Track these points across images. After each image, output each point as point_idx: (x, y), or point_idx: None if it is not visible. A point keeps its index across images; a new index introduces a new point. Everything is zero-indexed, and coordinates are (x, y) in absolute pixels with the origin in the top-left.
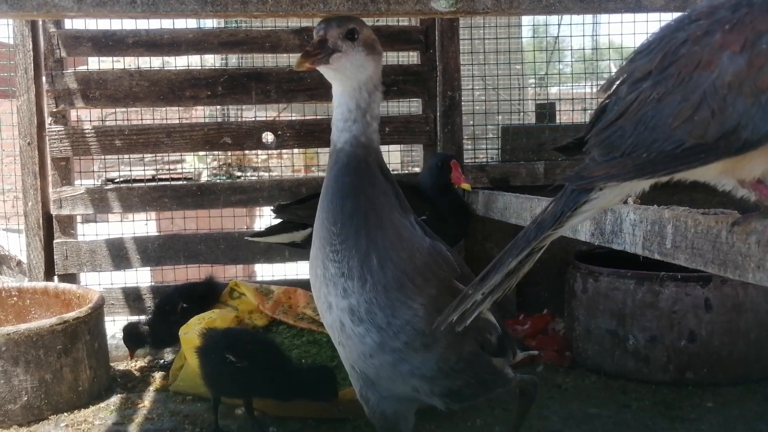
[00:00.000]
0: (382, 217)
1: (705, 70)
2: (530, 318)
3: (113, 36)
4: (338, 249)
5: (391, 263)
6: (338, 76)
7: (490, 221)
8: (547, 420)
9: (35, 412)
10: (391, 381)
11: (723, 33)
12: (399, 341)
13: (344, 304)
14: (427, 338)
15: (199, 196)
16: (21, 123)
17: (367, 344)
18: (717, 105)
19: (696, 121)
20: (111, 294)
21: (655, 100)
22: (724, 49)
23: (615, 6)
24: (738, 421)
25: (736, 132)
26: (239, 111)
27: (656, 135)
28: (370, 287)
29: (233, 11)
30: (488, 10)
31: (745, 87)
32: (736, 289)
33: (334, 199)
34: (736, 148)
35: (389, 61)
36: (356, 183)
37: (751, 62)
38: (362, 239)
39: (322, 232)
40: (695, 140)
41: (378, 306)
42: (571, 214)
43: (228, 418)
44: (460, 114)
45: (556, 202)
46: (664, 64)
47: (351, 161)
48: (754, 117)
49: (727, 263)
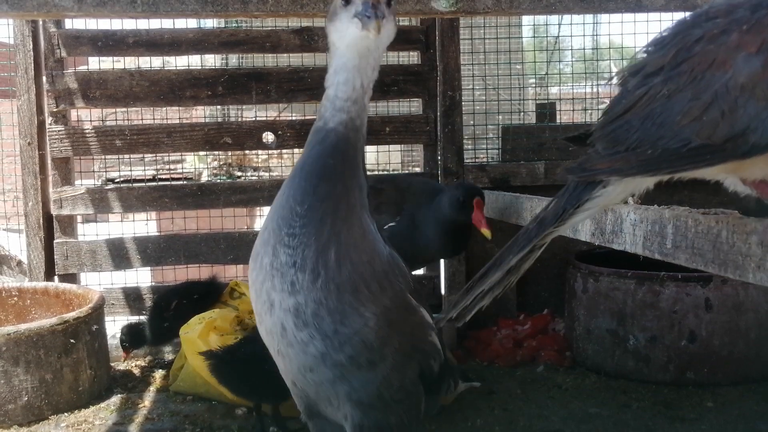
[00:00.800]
0: (352, 212)
1: (718, 69)
2: (530, 318)
3: (113, 36)
4: (296, 233)
5: (349, 262)
6: (368, 46)
7: (490, 221)
8: (547, 420)
9: (35, 412)
10: (328, 403)
11: (740, 33)
12: (343, 354)
13: (289, 303)
14: (374, 354)
15: (200, 196)
16: (21, 123)
17: (309, 354)
18: (728, 106)
19: (705, 120)
20: (111, 294)
21: (665, 96)
22: (739, 50)
23: (615, 6)
24: (738, 421)
25: (744, 135)
26: (239, 111)
27: (663, 132)
28: (322, 284)
29: (233, 11)
30: (488, 10)
31: (758, 90)
32: (737, 289)
33: (310, 178)
34: (743, 152)
35: (389, 60)
36: (338, 168)
37: (767, 65)
38: (326, 228)
39: (282, 211)
40: (702, 140)
41: (327, 309)
42: (574, 212)
43: (228, 418)
44: (461, 114)
45: (559, 199)
46: (677, 61)
47: (340, 144)
48: (764, 121)
49: (728, 263)
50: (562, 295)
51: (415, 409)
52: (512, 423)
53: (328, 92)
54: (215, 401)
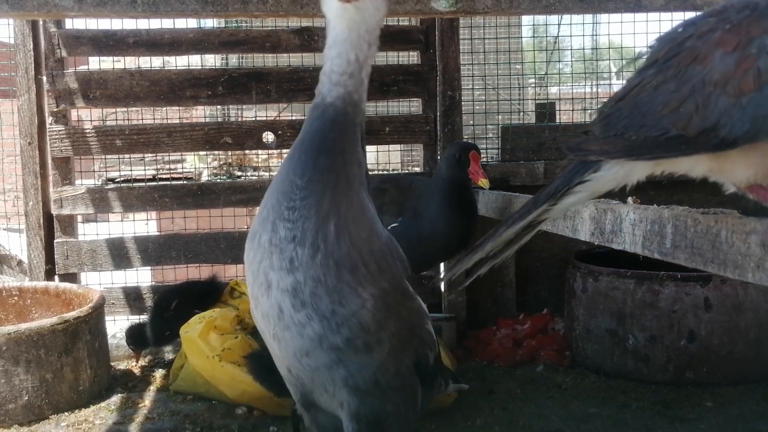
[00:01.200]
0: (351, 187)
1: (699, 64)
2: (530, 318)
3: (114, 36)
4: (296, 206)
5: (348, 236)
6: (353, 17)
7: (490, 221)
8: (546, 420)
9: (36, 412)
10: (324, 390)
11: (722, 32)
12: (341, 336)
13: (287, 282)
14: (371, 337)
15: (200, 195)
16: (22, 123)
17: (306, 337)
18: (701, 100)
19: (681, 112)
20: (111, 293)
21: (653, 87)
22: (718, 48)
23: (615, 6)
24: (737, 421)
25: (715, 129)
26: (239, 111)
27: (645, 120)
28: (321, 260)
29: (234, 11)
30: (488, 10)
31: (729, 87)
32: (736, 289)
33: (310, 151)
34: (714, 145)
35: (389, 60)
36: (338, 142)
37: (739, 64)
38: (326, 200)
39: (282, 186)
40: (678, 131)
41: (325, 288)
42: (566, 192)
43: (228, 417)
44: (460, 114)
45: (555, 180)
46: (669, 55)
47: (339, 118)
48: (732, 117)
49: (727, 263)
50: (562, 294)
51: (412, 399)
52: (512, 423)
53: (324, 67)
54: (215, 401)
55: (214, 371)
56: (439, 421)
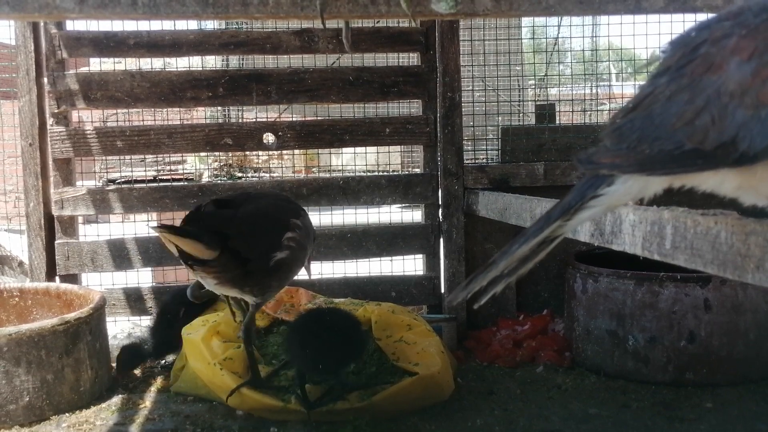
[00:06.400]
0: None
1: (714, 74)
2: (530, 318)
3: (114, 37)
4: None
5: None
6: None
7: (490, 222)
8: (546, 420)
9: (37, 413)
10: None
11: (738, 38)
12: None
13: None
14: None
15: (200, 196)
16: (23, 124)
17: None
18: (717, 112)
19: (696, 125)
20: (112, 294)
21: (666, 97)
22: (734, 55)
23: (614, 7)
24: (737, 421)
25: (734, 143)
26: (240, 112)
27: (659, 133)
28: None
29: (234, 13)
30: (488, 11)
31: (746, 98)
32: (736, 290)
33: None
34: (734, 160)
35: (390, 62)
36: None
37: (757, 72)
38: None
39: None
40: (693, 144)
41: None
42: (579, 208)
43: (229, 418)
44: (461, 115)
45: (569, 194)
46: (682, 62)
47: None
48: (752, 130)
49: (727, 264)
50: (562, 295)
51: None
52: (512, 423)
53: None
54: (216, 402)
55: (213, 378)
56: (438, 421)
